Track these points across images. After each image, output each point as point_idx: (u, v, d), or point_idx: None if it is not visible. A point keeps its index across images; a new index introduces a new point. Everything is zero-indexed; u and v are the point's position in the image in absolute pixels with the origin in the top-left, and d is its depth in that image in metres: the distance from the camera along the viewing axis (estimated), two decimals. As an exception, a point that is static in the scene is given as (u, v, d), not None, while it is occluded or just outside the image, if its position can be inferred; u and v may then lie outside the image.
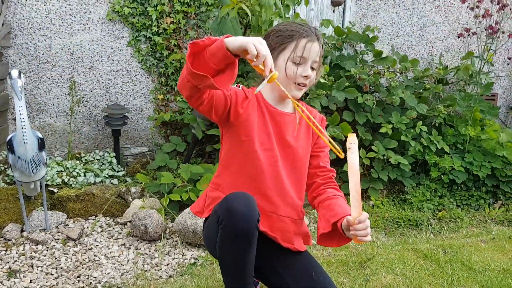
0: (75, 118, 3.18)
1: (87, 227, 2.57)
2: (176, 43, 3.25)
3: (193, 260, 2.24)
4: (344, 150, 1.26)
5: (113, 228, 2.57)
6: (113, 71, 3.21)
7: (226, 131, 1.53)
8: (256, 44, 1.21)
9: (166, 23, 3.19)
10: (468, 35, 3.64)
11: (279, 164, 1.51)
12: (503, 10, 3.53)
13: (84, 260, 2.24)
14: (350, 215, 1.32)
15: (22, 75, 2.31)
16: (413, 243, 2.53)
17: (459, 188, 3.18)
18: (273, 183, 1.51)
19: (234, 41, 1.21)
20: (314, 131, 1.58)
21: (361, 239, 1.29)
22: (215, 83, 1.23)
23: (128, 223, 2.59)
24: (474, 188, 3.19)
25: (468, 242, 2.52)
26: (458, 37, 3.60)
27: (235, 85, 1.53)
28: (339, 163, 2.95)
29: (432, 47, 3.87)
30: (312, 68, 1.50)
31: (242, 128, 1.48)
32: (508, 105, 4.19)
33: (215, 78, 1.24)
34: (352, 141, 1.25)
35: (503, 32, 3.66)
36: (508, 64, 3.94)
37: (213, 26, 3.00)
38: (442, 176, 3.12)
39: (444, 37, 3.88)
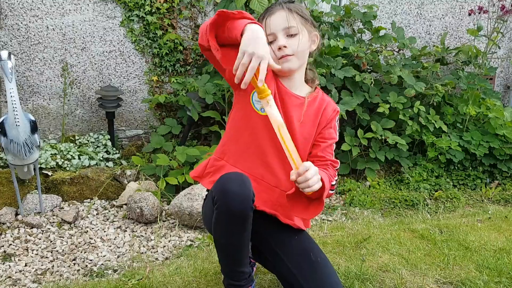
0: (68, 100, 3.14)
1: (83, 210, 2.56)
2: (169, 23, 3.18)
3: (189, 242, 2.24)
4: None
5: (109, 211, 2.56)
6: (106, 52, 3.15)
7: (237, 93, 1.51)
8: (246, 55, 1.25)
9: (160, 2, 3.12)
10: (479, 13, 3.53)
11: None
12: None
13: (79, 243, 2.23)
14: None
15: (12, 56, 2.26)
16: (409, 223, 2.52)
17: (456, 168, 3.18)
18: (278, 155, 1.48)
19: (244, 37, 1.27)
20: (321, 120, 1.54)
21: (305, 190, 1.29)
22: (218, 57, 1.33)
23: (124, 206, 2.58)
24: (471, 168, 3.18)
25: (464, 222, 2.52)
26: (469, 14, 3.51)
27: None
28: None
29: (430, 25, 3.81)
30: (291, 35, 1.45)
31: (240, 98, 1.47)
32: (505, 84, 4.16)
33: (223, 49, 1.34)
34: (269, 98, 1.29)
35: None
36: None
37: (220, 8, 2.94)
38: (439, 156, 3.11)
39: (442, 15, 3.82)
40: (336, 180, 1.52)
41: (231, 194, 1.29)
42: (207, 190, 1.55)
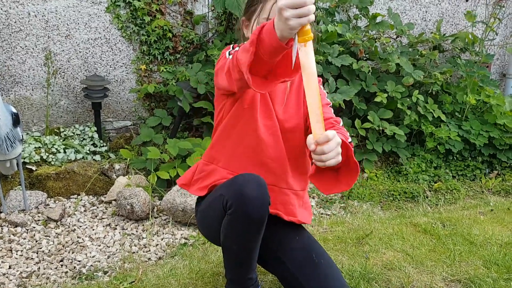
0: (52, 90, 2.98)
1: (69, 206, 2.43)
2: (158, 8, 3.03)
3: (183, 240, 2.13)
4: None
5: (97, 208, 2.43)
6: (91, 39, 2.99)
7: (226, 99, 1.40)
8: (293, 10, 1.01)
9: (147, -14, 2.96)
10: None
11: (279, 133, 1.40)
12: None
13: (67, 243, 2.11)
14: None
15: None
16: (410, 216, 2.45)
17: (455, 158, 3.11)
18: (274, 153, 1.40)
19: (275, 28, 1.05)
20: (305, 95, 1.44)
21: (317, 164, 1.08)
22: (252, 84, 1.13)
23: (113, 202, 2.45)
24: (470, 158, 3.12)
25: (466, 215, 2.45)
26: (466, 0, 3.42)
27: (231, 46, 1.41)
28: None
29: (426, 11, 3.71)
30: None
31: (247, 95, 1.36)
32: (501, 72, 4.10)
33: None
34: (310, 43, 1.05)
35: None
36: (511, 36, 3.82)
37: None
38: (438, 146, 3.04)
39: (439, 1, 3.72)
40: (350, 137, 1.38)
41: (250, 199, 1.20)
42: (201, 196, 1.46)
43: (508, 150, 3.09)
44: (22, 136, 2.24)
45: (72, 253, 2.03)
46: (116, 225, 2.26)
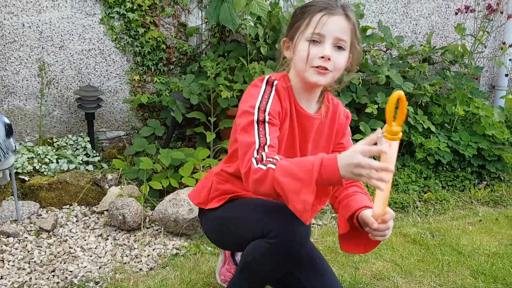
0: (45, 101, 3.00)
1: (62, 217, 2.44)
2: (152, 20, 3.07)
3: (175, 251, 2.14)
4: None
5: (89, 218, 2.44)
6: (85, 50, 3.02)
7: None
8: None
9: (141, -1, 3.00)
10: (466, 12, 3.50)
11: None
12: None
13: (59, 253, 2.11)
14: (366, 207, 1.21)
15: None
16: (400, 226, 2.48)
17: (444, 169, 3.15)
18: None
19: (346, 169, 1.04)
20: (337, 130, 1.43)
21: (377, 239, 1.18)
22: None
23: (105, 212, 2.46)
24: (459, 169, 3.16)
25: (455, 225, 2.49)
26: (456, 13, 3.48)
27: (265, 83, 1.32)
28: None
29: (416, 24, 3.78)
30: (339, 48, 1.26)
31: None
32: (490, 84, 4.17)
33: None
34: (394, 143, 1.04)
35: (501, 13, 3.58)
36: (501, 49, 3.89)
37: (208, 11, 2.84)
38: (427, 157, 3.08)
39: (428, 14, 3.79)
40: None
41: (298, 236, 1.20)
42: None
43: (496, 161, 3.13)
44: (15, 146, 2.25)
45: (64, 263, 2.03)
46: (108, 236, 2.27)
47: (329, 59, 1.25)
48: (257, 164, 1.15)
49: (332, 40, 1.25)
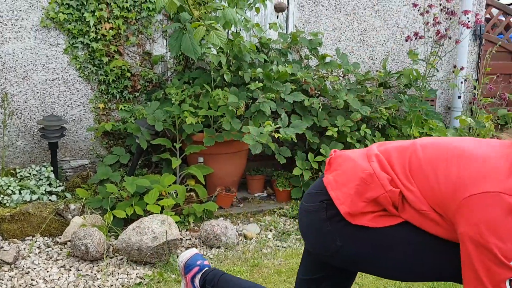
0: (8, 131, 2.99)
1: (24, 248, 2.42)
2: (116, 49, 3.12)
3: (138, 280, 2.15)
4: None
5: (52, 249, 2.43)
6: (49, 80, 3.04)
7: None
8: None
9: (105, 29, 3.06)
10: (416, 39, 3.71)
11: None
12: (451, 18, 3.65)
13: (20, 285, 2.10)
14: None
15: None
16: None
17: (403, 188, 3.27)
18: None
19: None
20: None
21: None
22: None
23: (68, 243, 2.45)
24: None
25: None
26: (406, 40, 3.68)
27: None
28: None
29: (372, 51, 3.96)
30: None
31: None
32: (446, 105, 4.37)
33: None
34: None
35: (449, 38, 3.80)
36: (453, 72, 4.11)
37: (170, 42, 2.91)
38: (386, 177, 3.20)
39: (384, 41, 3.98)
40: None
41: None
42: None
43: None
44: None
45: (25, 296, 2.02)
46: (71, 266, 2.26)
47: None
48: None
49: None
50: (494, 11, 4.52)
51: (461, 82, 4.09)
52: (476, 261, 1.02)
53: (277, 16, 3.60)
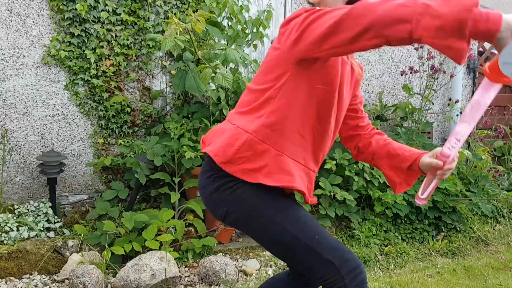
0: (7, 167, 2.98)
1: (21, 287, 2.37)
2: (116, 85, 3.16)
3: (137, 318, 2.11)
4: None
5: (50, 287, 2.38)
6: (49, 116, 3.06)
7: (292, 68, 1.25)
8: None
9: (106, 65, 3.11)
10: (411, 73, 3.79)
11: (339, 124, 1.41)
12: None
13: (15, 327, 2.05)
14: (422, 153, 1.35)
15: None
16: (362, 281, 2.52)
17: (403, 221, 3.26)
18: (328, 146, 1.39)
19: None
20: (356, 79, 1.44)
21: (442, 177, 1.28)
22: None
23: (66, 281, 2.41)
24: (417, 221, 3.28)
25: (415, 278, 2.56)
26: (401, 74, 3.75)
27: None
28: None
29: (368, 84, 4.03)
30: None
31: (324, 74, 1.26)
32: (443, 137, 4.41)
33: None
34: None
35: (444, 72, 3.87)
36: (448, 105, 4.17)
37: (174, 82, 2.97)
38: (386, 210, 3.19)
39: (379, 75, 4.05)
40: None
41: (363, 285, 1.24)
42: (231, 178, 1.29)
43: (451, 212, 3.28)
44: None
45: (21, 338, 1.97)
46: (68, 305, 2.22)
47: None
48: None
49: None
50: (487, 44, 4.63)
51: (457, 115, 4.14)
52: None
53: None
